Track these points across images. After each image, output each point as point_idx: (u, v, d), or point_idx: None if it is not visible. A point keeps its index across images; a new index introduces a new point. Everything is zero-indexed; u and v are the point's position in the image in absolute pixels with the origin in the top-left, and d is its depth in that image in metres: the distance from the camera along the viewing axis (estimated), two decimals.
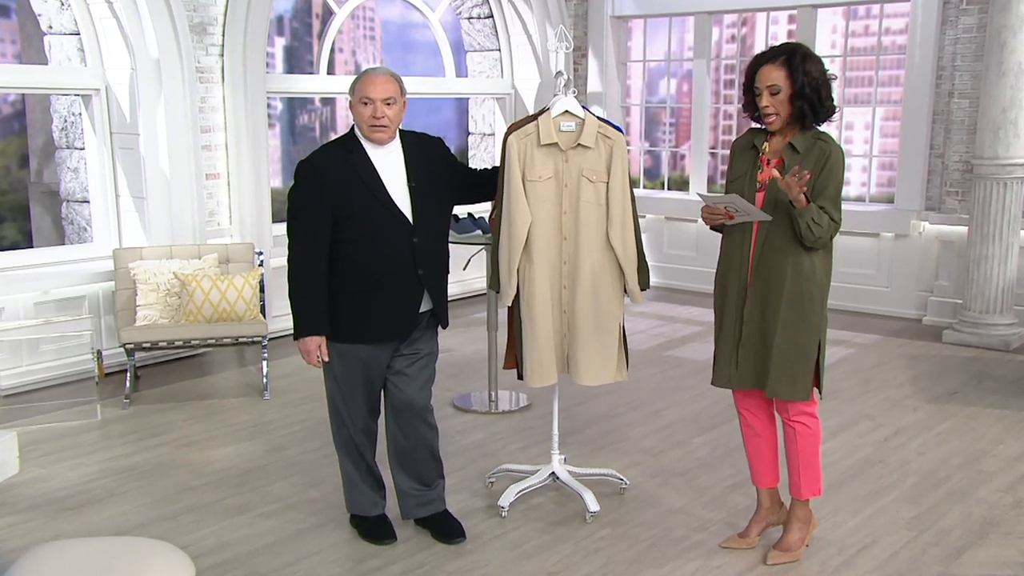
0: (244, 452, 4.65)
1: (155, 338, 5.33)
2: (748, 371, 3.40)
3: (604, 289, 3.65)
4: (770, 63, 3.24)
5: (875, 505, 4.00)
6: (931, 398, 5.44)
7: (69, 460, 4.55)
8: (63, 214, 6.54)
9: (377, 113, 3.32)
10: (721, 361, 3.47)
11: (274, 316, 6.41)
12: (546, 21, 8.28)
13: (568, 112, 3.61)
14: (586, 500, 3.86)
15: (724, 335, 3.44)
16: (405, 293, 3.42)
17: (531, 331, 3.64)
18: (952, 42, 6.98)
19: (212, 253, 5.81)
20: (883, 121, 7.78)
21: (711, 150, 8.47)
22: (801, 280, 3.28)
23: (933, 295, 7.24)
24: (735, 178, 3.41)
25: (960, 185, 7.07)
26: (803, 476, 3.46)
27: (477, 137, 9.02)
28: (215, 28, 6.33)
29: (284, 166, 8.80)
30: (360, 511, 3.71)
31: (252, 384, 5.78)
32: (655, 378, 5.85)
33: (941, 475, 4.32)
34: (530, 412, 5.20)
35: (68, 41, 6.14)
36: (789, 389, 3.33)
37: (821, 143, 3.27)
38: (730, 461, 4.46)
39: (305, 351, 3.39)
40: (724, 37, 8.68)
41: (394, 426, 3.57)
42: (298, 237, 3.36)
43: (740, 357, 3.40)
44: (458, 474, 4.29)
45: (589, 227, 3.61)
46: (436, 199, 3.47)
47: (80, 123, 6.24)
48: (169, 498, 4.11)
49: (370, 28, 9.67)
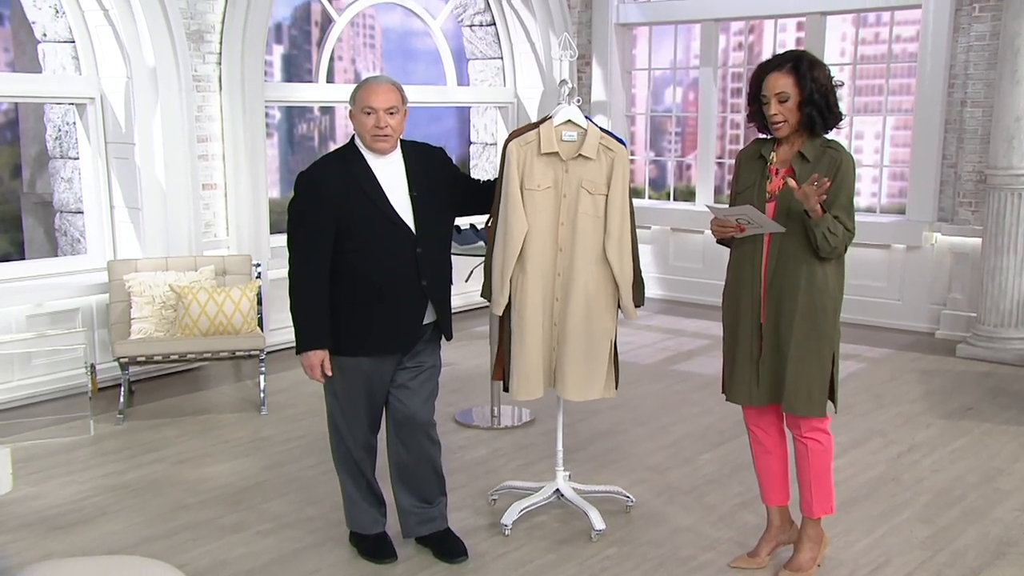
0: (241, 469, 4.65)
1: (150, 352, 5.33)
2: (766, 387, 3.39)
3: (597, 303, 3.65)
4: (777, 70, 3.25)
5: (888, 524, 3.99)
6: (945, 414, 5.42)
7: (61, 477, 4.55)
8: (56, 225, 6.55)
9: (380, 123, 3.33)
10: (739, 378, 3.44)
11: (272, 329, 6.41)
12: (549, 29, 8.32)
13: (571, 121, 3.62)
14: (591, 518, 3.85)
15: (741, 351, 3.42)
16: (408, 304, 3.42)
17: (520, 342, 3.64)
18: (964, 50, 7.00)
19: (209, 265, 5.81)
20: (894, 130, 7.79)
21: (718, 160, 8.48)
22: (815, 292, 3.27)
23: (946, 308, 7.23)
24: (742, 189, 3.41)
25: (973, 196, 7.08)
26: (815, 494, 3.45)
27: (479, 146, 9.04)
28: (212, 36, 6.36)
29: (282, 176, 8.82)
30: (360, 529, 3.70)
31: (249, 399, 5.78)
32: (661, 393, 5.84)
33: (956, 493, 4.31)
34: (533, 428, 5.19)
35: (63, 49, 6.17)
36: (805, 404, 3.33)
37: (831, 151, 3.28)
38: (739, 478, 4.45)
39: (308, 366, 3.39)
40: (731, 45, 8.71)
41: (396, 441, 3.57)
42: (299, 249, 3.37)
43: (760, 373, 3.39)
44: (460, 491, 4.28)
45: (586, 239, 3.61)
46: (438, 209, 3.49)
47: (74, 132, 6.26)
48: (164, 516, 4.10)
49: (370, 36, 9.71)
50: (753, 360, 3.40)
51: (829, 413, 3.41)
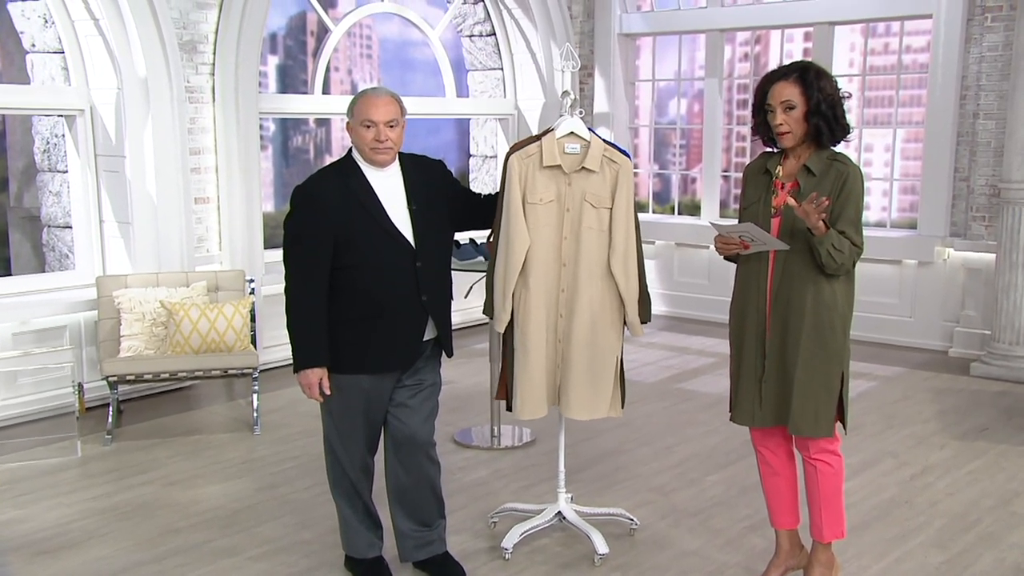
0: (233, 491, 4.63)
1: (140, 370, 5.32)
2: (771, 408, 3.39)
3: (602, 320, 3.65)
4: (783, 80, 3.26)
5: (901, 549, 3.98)
6: (959, 435, 5.41)
7: (47, 500, 4.53)
8: (44, 240, 6.56)
9: (381, 136, 3.34)
10: (743, 397, 3.44)
11: (265, 347, 6.41)
12: (551, 39, 8.36)
13: (573, 133, 3.63)
14: (594, 541, 3.83)
15: (745, 370, 3.43)
16: (408, 320, 3.42)
17: (523, 360, 3.64)
18: (977, 60, 7.03)
19: (201, 281, 5.82)
20: (904, 143, 7.82)
21: (723, 173, 8.51)
22: (822, 309, 3.27)
23: (959, 326, 7.23)
24: (748, 204, 3.42)
25: (987, 210, 7.09)
26: (825, 517, 3.44)
27: (478, 159, 9.06)
28: (206, 46, 6.39)
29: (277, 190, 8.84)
30: (356, 553, 3.69)
31: (242, 419, 5.77)
32: (666, 412, 5.83)
33: (971, 517, 4.30)
34: (534, 448, 5.18)
35: (52, 59, 6.19)
36: (811, 425, 3.32)
37: (838, 164, 3.28)
38: (746, 501, 4.44)
39: (306, 384, 3.39)
40: (737, 55, 8.75)
41: (395, 461, 3.56)
42: (296, 265, 3.37)
43: (764, 393, 3.39)
44: (459, 513, 4.27)
45: (590, 254, 3.61)
46: (438, 222, 3.49)
47: (63, 145, 6.28)
48: (153, 540, 4.09)
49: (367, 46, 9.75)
50: (757, 379, 3.40)
51: (839, 434, 3.40)
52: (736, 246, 3.32)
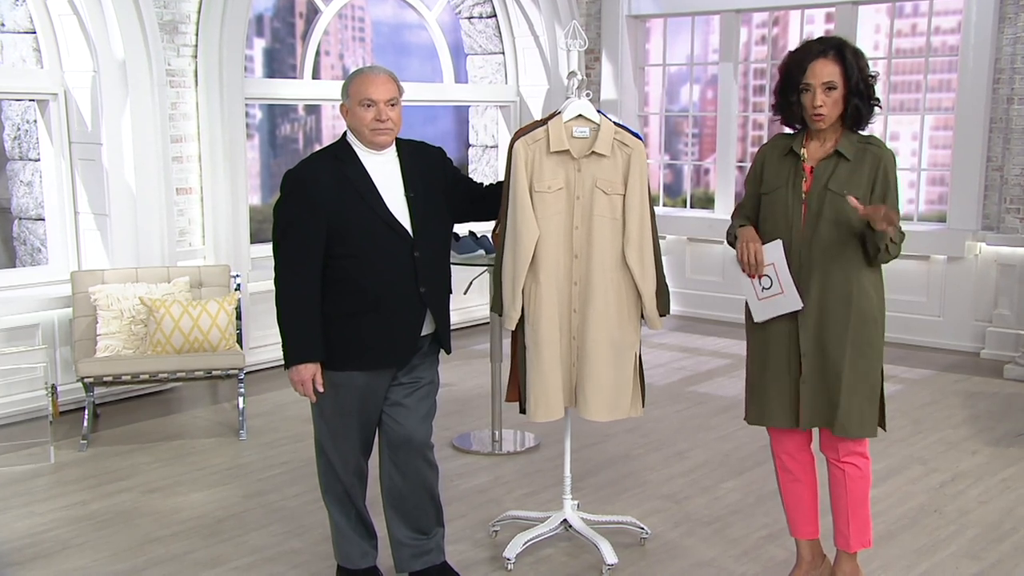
0: (217, 498, 4.64)
1: (117, 371, 5.33)
2: (818, 409, 3.36)
3: (619, 314, 3.64)
4: (823, 57, 3.23)
5: (931, 560, 3.98)
6: (992, 440, 5.42)
7: (18, 508, 4.54)
8: (15, 233, 6.57)
9: (381, 116, 3.35)
10: (772, 399, 3.42)
11: (252, 347, 6.41)
12: (555, 20, 8.37)
13: (582, 116, 3.63)
14: (602, 551, 3.84)
15: (774, 370, 3.41)
16: (406, 313, 3.43)
17: (536, 359, 3.63)
18: (1011, 42, 7.03)
19: (183, 276, 5.83)
20: (933, 131, 7.82)
21: (739, 164, 8.51)
22: (864, 302, 3.28)
23: (992, 325, 7.24)
24: (770, 190, 3.39)
25: (1021, 201, 7.09)
26: (852, 525, 3.44)
27: (478, 149, 9.08)
28: (188, 27, 6.40)
29: (263, 181, 8.85)
30: (348, 563, 3.69)
31: (227, 423, 5.78)
32: (678, 416, 5.84)
33: (1006, 527, 4.30)
34: (538, 453, 5.19)
35: (22, 40, 6.20)
36: (859, 425, 3.32)
37: (872, 148, 3.28)
38: (764, 509, 4.45)
39: (298, 381, 3.39)
40: (753, 38, 8.75)
41: (390, 465, 3.56)
42: (287, 256, 3.37)
43: (803, 394, 3.37)
44: (458, 522, 4.28)
45: (603, 244, 3.61)
46: (436, 211, 3.50)
47: (35, 131, 6.29)
48: (132, 550, 4.09)
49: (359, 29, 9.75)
50: (792, 379, 3.38)
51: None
52: (747, 265, 3.32)
